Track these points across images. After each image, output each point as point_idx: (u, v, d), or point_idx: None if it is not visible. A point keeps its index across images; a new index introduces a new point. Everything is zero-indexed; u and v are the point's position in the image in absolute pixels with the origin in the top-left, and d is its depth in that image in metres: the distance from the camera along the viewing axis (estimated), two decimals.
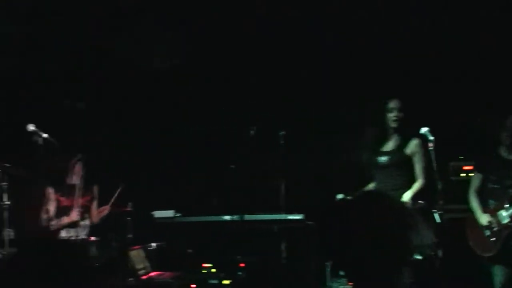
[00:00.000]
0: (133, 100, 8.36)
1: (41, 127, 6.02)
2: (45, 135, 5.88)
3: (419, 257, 5.70)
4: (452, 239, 6.09)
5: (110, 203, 7.37)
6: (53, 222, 6.95)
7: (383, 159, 6.09)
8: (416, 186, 6.08)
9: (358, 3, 7.56)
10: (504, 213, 6.41)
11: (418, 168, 6.12)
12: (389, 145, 6.17)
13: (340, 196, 5.95)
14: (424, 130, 5.90)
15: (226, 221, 6.78)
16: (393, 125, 6.11)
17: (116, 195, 7.31)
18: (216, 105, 8.11)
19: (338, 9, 7.53)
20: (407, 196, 6.00)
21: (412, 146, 6.12)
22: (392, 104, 6.12)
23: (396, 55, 7.91)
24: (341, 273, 5.71)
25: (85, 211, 7.28)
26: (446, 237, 5.70)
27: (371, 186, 6.21)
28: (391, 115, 6.09)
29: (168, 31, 7.79)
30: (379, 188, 6.05)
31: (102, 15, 7.59)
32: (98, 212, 7.39)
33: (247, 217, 6.67)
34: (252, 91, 7.83)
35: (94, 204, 7.44)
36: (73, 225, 7.04)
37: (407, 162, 6.14)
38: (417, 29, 7.80)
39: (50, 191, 7.07)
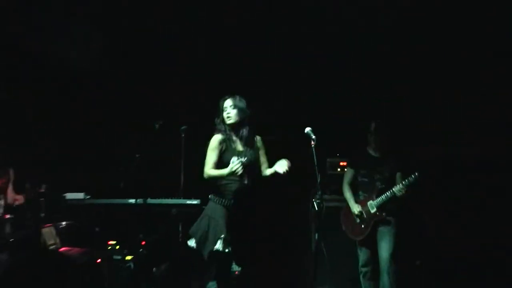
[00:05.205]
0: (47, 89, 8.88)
1: None
2: None
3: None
4: (328, 225, 6.62)
5: (25, 196, 7.82)
6: None
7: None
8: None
9: None
10: (372, 203, 7.37)
11: (264, 160, 6.36)
12: (241, 145, 6.23)
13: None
14: (307, 129, 5.99)
15: (131, 204, 7.11)
16: (228, 122, 6.21)
17: (30, 190, 7.76)
18: (125, 102, 8.87)
19: None
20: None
21: (257, 142, 6.35)
22: (225, 103, 6.23)
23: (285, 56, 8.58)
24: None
25: (1, 191, 7.75)
26: (323, 223, 6.01)
27: None
28: (224, 114, 6.20)
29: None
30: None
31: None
32: (13, 199, 7.87)
33: (150, 200, 7.08)
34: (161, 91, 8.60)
35: (10, 186, 7.94)
36: None
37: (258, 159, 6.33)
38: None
39: None
